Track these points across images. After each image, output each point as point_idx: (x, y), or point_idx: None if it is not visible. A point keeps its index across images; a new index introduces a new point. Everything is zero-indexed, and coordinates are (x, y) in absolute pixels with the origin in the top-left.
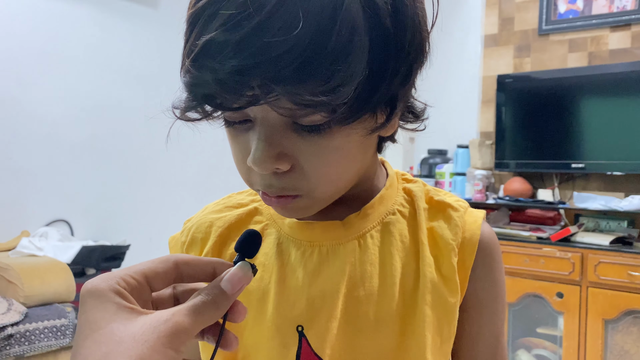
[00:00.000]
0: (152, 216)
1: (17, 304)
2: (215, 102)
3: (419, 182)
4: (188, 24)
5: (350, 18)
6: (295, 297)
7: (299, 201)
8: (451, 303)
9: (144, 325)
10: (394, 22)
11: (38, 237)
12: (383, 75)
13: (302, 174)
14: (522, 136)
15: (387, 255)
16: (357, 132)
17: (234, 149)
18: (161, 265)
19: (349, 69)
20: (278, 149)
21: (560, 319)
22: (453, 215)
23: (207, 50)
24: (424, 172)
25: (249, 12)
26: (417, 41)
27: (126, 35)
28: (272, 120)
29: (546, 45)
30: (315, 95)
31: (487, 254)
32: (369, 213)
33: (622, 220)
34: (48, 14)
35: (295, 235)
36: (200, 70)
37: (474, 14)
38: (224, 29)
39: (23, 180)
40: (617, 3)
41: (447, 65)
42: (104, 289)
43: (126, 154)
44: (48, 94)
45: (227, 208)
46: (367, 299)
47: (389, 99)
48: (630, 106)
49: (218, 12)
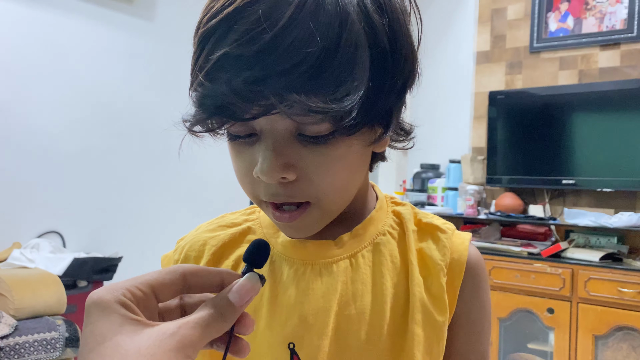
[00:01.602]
0: (144, 228)
1: (7, 317)
2: (227, 113)
3: (408, 206)
4: (199, 41)
5: (353, 35)
6: (287, 314)
7: (309, 213)
8: (440, 322)
9: (149, 338)
10: (390, 42)
11: (30, 249)
12: (381, 89)
13: (308, 183)
14: (513, 152)
15: (378, 274)
16: (358, 142)
17: (238, 163)
18: (168, 276)
19: (354, 80)
20: (285, 159)
21: (551, 334)
22: (441, 237)
23: (222, 64)
24: (417, 186)
25: (263, 28)
26: (410, 60)
27: (122, 47)
28: (279, 131)
29: (537, 63)
30: (325, 103)
31: (475, 275)
32: (360, 233)
33: (612, 237)
34: (43, 25)
35: (288, 253)
36: (215, 82)
37: (466, 31)
38: (238, 43)
39: (15, 191)
40: (606, 22)
41: (440, 81)
42: (110, 300)
43: (119, 166)
44: (41, 106)
45: (220, 227)
46: (358, 317)
47: (385, 113)
48: (620, 124)
49: (231, 29)
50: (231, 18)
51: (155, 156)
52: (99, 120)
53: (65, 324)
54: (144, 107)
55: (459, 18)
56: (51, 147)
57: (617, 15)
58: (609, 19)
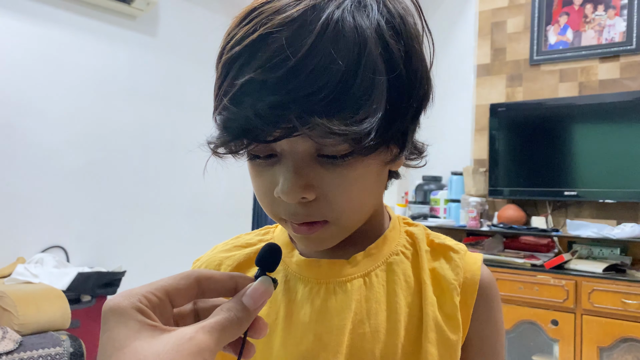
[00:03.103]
0: (147, 242)
1: (11, 332)
2: (251, 135)
3: (420, 226)
4: (223, 67)
5: (372, 61)
6: (302, 333)
7: (326, 229)
8: (453, 341)
9: (167, 343)
10: (406, 66)
11: (34, 264)
12: (397, 112)
13: (327, 202)
14: (515, 164)
15: (392, 293)
16: (375, 163)
17: (258, 182)
18: (183, 282)
19: (373, 104)
20: (305, 180)
21: (556, 346)
22: (454, 257)
23: (246, 89)
24: (419, 198)
25: (286, 55)
26: (424, 83)
27: (125, 62)
28: (299, 153)
29: (537, 75)
30: (346, 125)
31: (488, 294)
32: (374, 253)
33: (615, 248)
34: (46, 41)
35: (302, 272)
36: (240, 107)
37: (466, 45)
38: (262, 70)
39: (19, 206)
40: (605, 35)
41: (442, 94)
42: (126, 306)
43: (122, 181)
44: (44, 121)
45: (235, 247)
46: (372, 335)
47: (401, 134)
48: (621, 135)
49: (255, 56)
50: (255, 45)
51: (158, 171)
52: (102, 135)
53: (70, 339)
54: (146, 122)
55: (460, 31)
56: (54, 162)
57: (616, 27)
58: (608, 31)
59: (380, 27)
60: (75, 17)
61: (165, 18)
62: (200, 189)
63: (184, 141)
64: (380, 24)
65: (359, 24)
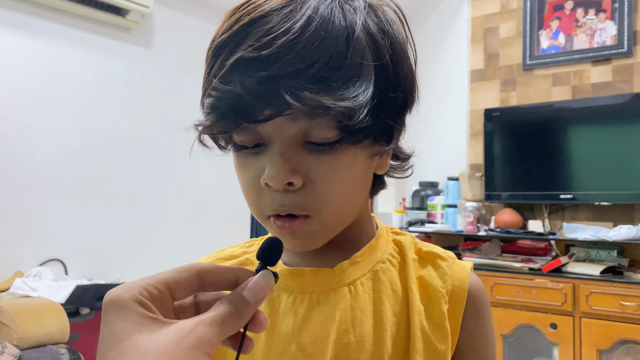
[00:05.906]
0: (145, 254)
1: (10, 347)
2: (241, 114)
3: (408, 235)
4: (213, 53)
5: (360, 46)
6: (285, 343)
7: (309, 224)
8: (441, 350)
9: (168, 336)
10: (392, 58)
11: (32, 277)
12: (385, 101)
13: (313, 191)
14: (511, 168)
15: (378, 302)
16: (362, 153)
17: (244, 174)
18: (183, 275)
19: (362, 85)
20: (292, 164)
21: (555, 350)
22: (441, 264)
23: (236, 67)
24: (416, 204)
25: (277, 34)
26: (410, 79)
27: (120, 74)
28: (286, 138)
29: (531, 80)
30: (336, 100)
31: (477, 302)
32: (359, 261)
33: (612, 250)
34: (43, 55)
35: (286, 282)
36: (230, 84)
37: (460, 51)
38: (252, 48)
39: (17, 220)
40: (597, 38)
41: (436, 100)
42: (127, 299)
43: (119, 193)
44: (41, 134)
45: (218, 260)
46: (357, 345)
47: (388, 127)
48: (615, 137)
49: (246, 37)
50: (245, 29)
51: (154, 182)
52: (99, 148)
53: (69, 353)
54: (143, 134)
55: (453, 37)
56: (51, 175)
57: (607, 31)
58: (600, 35)
59: (367, 21)
60: (70, 30)
61: (159, 30)
62: (198, 200)
63: (180, 153)
64: (367, 20)
65: (347, 16)
